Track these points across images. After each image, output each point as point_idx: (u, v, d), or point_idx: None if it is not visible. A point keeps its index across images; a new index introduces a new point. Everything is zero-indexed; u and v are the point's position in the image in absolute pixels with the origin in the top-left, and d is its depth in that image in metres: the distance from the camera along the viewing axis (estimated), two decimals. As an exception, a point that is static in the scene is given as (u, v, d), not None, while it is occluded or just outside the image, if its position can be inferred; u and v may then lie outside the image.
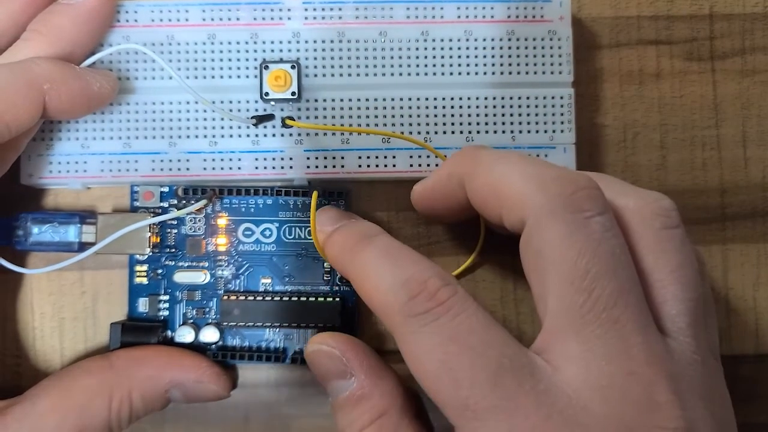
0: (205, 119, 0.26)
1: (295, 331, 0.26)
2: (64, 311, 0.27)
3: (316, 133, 0.26)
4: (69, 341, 0.27)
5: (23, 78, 0.23)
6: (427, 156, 0.26)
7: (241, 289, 0.26)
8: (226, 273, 0.26)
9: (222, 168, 0.26)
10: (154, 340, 0.25)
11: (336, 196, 0.26)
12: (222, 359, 0.26)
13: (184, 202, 0.26)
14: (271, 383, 0.27)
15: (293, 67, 0.26)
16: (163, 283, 0.26)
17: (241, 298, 0.26)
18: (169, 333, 0.26)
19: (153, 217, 0.26)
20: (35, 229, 0.25)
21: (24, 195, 0.27)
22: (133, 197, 0.26)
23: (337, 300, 0.26)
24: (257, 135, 0.26)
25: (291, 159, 0.26)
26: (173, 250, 0.26)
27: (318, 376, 0.23)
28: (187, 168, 0.26)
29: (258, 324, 0.26)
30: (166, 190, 0.26)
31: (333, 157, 0.26)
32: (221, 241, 0.26)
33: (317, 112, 0.26)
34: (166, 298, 0.26)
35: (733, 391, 0.20)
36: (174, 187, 0.26)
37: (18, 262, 0.25)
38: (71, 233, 0.26)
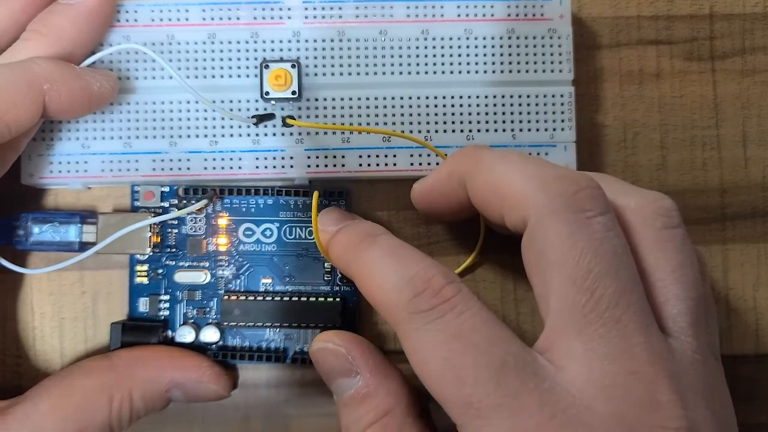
0: (206, 119, 0.26)
1: (296, 331, 0.26)
2: (64, 311, 0.27)
3: (316, 132, 0.26)
4: (69, 341, 0.27)
5: (23, 78, 0.23)
6: (428, 155, 0.26)
7: (242, 289, 0.26)
8: (226, 273, 0.26)
9: (222, 167, 0.26)
10: (154, 340, 0.25)
11: (336, 195, 0.26)
12: (222, 359, 0.26)
13: (184, 201, 0.26)
14: (271, 383, 0.27)
15: (293, 67, 0.26)
16: (164, 283, 0.26)
17: (242, 298, 0.26)
18: (170, 333, 0.26)
19: (154, 217, 0.26)
20: (36, 229, 0.25)
21: (24, 195, 0.27)
22: (134, 197, 0.26)
23: (338, 300, 0.26)
24: (258, 134, 0.26)
25: (291, 158, 0.26)
26: (174, 249, 0.26)
27: (323, 374, 0.23)
28: (188, 167, 0.26)
29: (258, 324, 0.26)
30: (166, 189, 0.26)
31: (333, 156, 0.26)
32: (222, 241, 0.26)
33: (318, 111, 0.26)
34: (166, 298, 0.26)
35: (733, 391, 0.20)
36: (174, 187, 0.26)
37: (18, 262, 0.25)
38: (72, 233, 0.25)
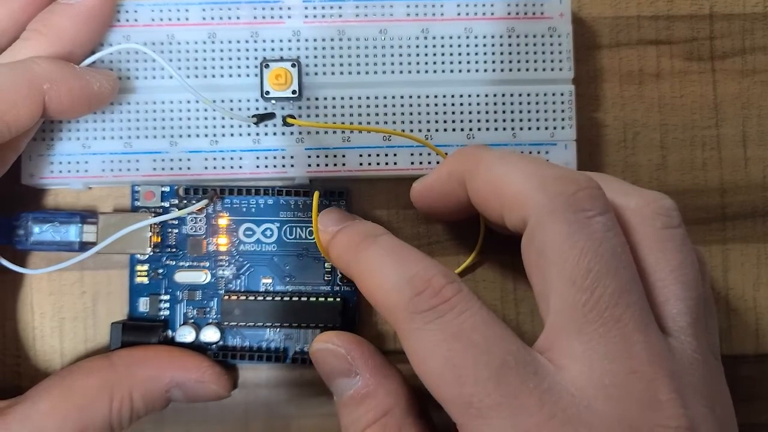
0: (206, 118, 0.26)
1: (296, 331, 0.26)
2: (64, 311, 0.27)
3: (317, 132, 0.26)
4: (69, 341, 0.27)
5: (23, 77, 0.23)
6: (428, 153, 0.26)
7: (242, 289, 0.26)
8: (226, 273, 0.26)
9: (223, 167, 0.26)
10: (154, 339, 0.25)
11: (337, 195, 0.26)
12: (222, 359, 0.26)
13: (185, 201, 0.26)
14: (271, 383, 0.27)
15: (294, 66, 0.26)
16: (164, 283, 0.26)
17: (242, 298, 0.26)
18: (170, 333, 0.26)
19: (154, 217, 0.26)
20: (36, 229, 0.25)
21: (25, 195, 0.27)
22: (134, 197, 0.26)
23: (338, 300, 0.26)
24: (258, 134, 0.26)
25: (292, 157, 0.26)
26: (174, 249, 0.26)
27: (323, 374, 0.23)
28: (188, 167, 0.26)
29: (259, 324, 0.26)
30: (167, 189, 0.26)
31: (334, 156, 0.26)
32: (222, 241, 0.26)
33: (318, 110, 0.26)
34: (166, 297, 0.26)
35: (733, 391, 0.20)
36: (175, 187, 0.26)
37: (18, 261, 0.25)
38: (72, 233, 0.25)
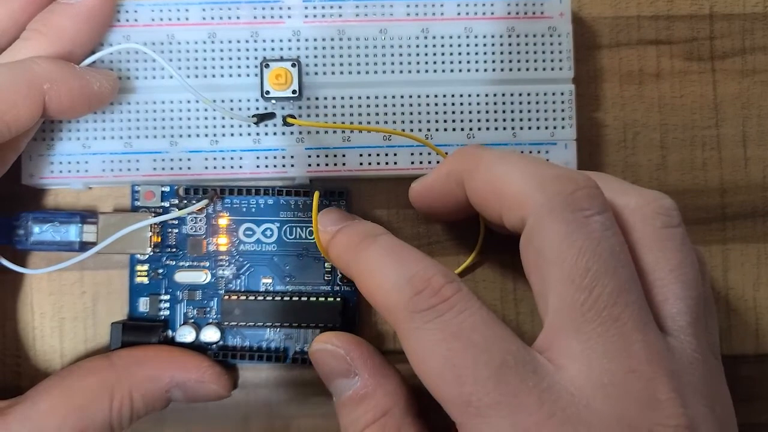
0: (206, 118, 0.26)
1: (296, 331, 0.26)
2: (64, 311, 0.27)
3: (317, 131, 0.26)
4: (69, 341, 0.27)
5: (23, 77, 0.23)
6: (429, 153, 0.26)
7: (242, 289, 0.26)
8: (227, 273, 0.26)
9: (223, 167, 0.26)
10: (154, 339, 0.25)
11: (337, 195, 0.26)
12: (223, 359, 0.26)
13: (185, 201, 0.26)
14: (271, 383, 0.27)
15: (294, 66, 0.26)
16: (164, 283, 0.26)
17: (242, 297, 0.26)
18: (170, 333, 0.26)
19: (154, 217, 0.26)
20: (36, 229, 0.25)
21: (25, 195, 0.27)
22: (134, 197, 0.26)
23: (338, 300, 0.26)
24: (258, 133, 0.26)
25: (292, 157, 0.26)
26: (174, 249, 0.26)
27: (322, 375, 0.23)
28: (188, 167, 0.26)
29: (259, 324, 0.26)
30: (167, 189, 0.26)
31: (334, 155, 0.26)
32: (222, 241, 0.26)
33: (318, 110, 0.26)
34: (167, 297, 0.26)
35: (733, 391, 0.20)
36: (175, 187, 0.26)
37: (18, 261, 0.25)
38: (72, 233, 0.25)
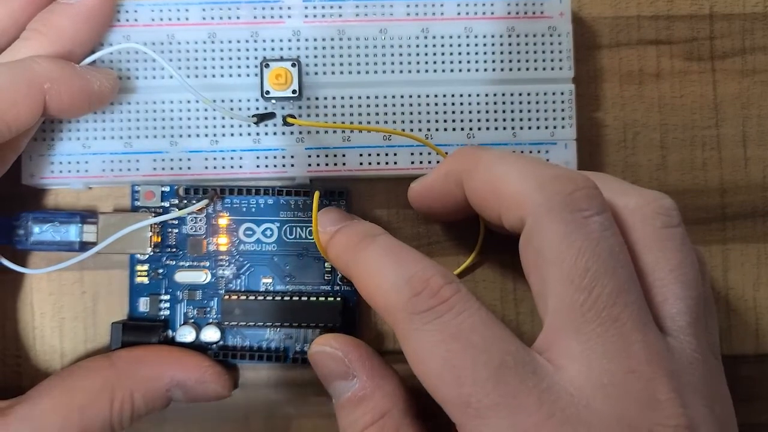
0: (206, 118, 0.26)
1: (296, 331, 0.26)
2: (64, 311, 0.27)
3: (317, 131, 0.26)
4: (69, 341, 0.27)
5: (23, 77, 0.23)
6: (429, 153, 0.26)
7: (242, 289, 0.26)
8: (227, 273, 0.26)
9: (223, 167, 0.26)
10: (155, 339, 0.25)
11: (337, 195, 0.26)
12: (223, 359, 0.26)
13: (185, 201, 0.26)
14: (271, 383, 0.27)
15: (294, 65, 0.26)
16: (164, 283, 0.26)
17: (242, 297, 0.26)
18: (170, 333, 0.26)
19: (154, 217, 0.26)
20: (36, 229, 0.25)
21: (25, 195, 0.27)
22: (134, 197, 0.26)
23: (338, 300, 0.26)
24: (258, 133, 0.26)
25: (292, 157, 0.26)
26: (174, 249, 0.26)
27: (321, 377, 0.23)
28: (189, 167, 0.26)
29: (259, 324, 0.26)
30: (167, 189, 0.26)
31: (334, 155, 0.26)
32: (222, 241, 0.26)
33: (318, 110, 0.26)
34: (167, 297, 0.26)
35: (733, 391, 0.20)
36: (175, 187, 0.26)
37: (18, 261, 0.25)
38: (72, 233, 0.25)
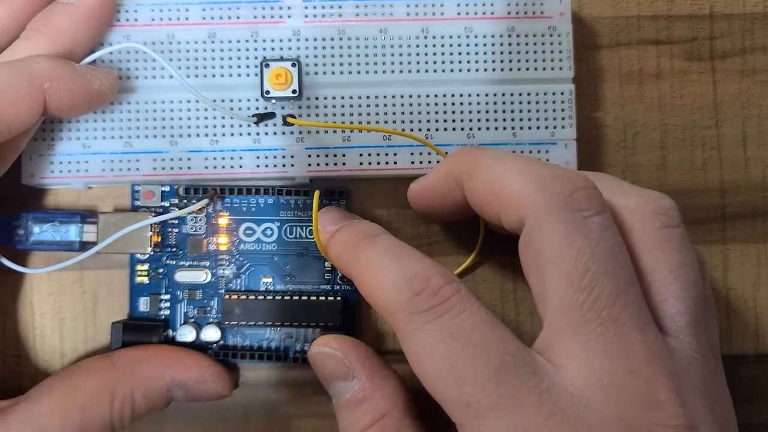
0: (206, 118, 0.26)
1: (296, 331, 0.26)
2: (64, 311, 0.27)
3: (317, 131, 0.26)
4: (69, 341, 0.27)
5: (24, 76, 0.23)
6: (429, 153, 0.26)
7: (243, 289, 0.26)
8: (227, 272, 0.26)
9: (223, 167, 0.26)
10: (155, 339, 0.25)
11: (337, 195, 0.26)
12: (223, 358, 0.26)
13: (185, 201, 0.26)
14: (271, 383, 0.27)
15: (294, 65, 0.26)
16: (165, 283, 0.26)
17: (243, 297, 0.26)
18: (171, 332, 0.26)
19: (154, 217, 0.26)
20: (36, 229, 0.25)
21: (25, 195, 0.27)
22: (134, 196, 0.26)
23: (339, 299, 0.26)
24: (258, 133, 0.26)
25: (292, 157, 0.26)
26: (174, 249, 0.26)
27: (321, 377, 0.23)
28: (189, 167, 0.26)
29: (259, 323, 0.26)
30: (167, 189, 0.26)
31: (334, 155, 0.26)
32: (222, 241, 0.26)
33: (318, 109, 0.26)
34: (167, 297, 0.26)
35: (733, 391, 0.20)
36: (175, 187, 0.26)
37: (18, 261, 0.25)
38: (72, 233, 0.25)
